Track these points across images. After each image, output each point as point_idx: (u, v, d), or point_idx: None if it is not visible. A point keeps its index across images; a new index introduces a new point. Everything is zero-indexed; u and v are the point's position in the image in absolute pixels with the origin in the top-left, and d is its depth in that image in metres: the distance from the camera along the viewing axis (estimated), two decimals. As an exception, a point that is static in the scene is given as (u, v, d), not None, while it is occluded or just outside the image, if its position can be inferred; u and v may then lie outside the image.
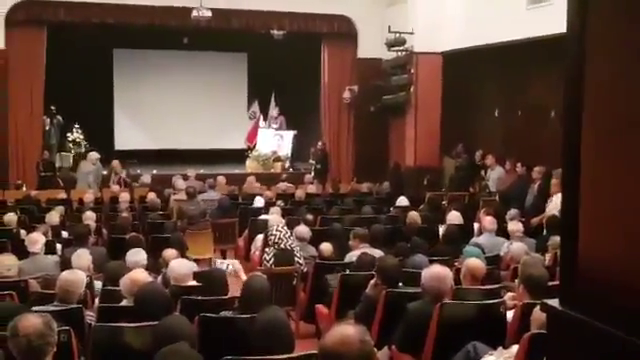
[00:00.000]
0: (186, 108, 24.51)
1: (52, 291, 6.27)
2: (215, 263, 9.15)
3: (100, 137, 22.12)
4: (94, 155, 18.85)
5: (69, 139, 21.41)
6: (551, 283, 5.88)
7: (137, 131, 24.66)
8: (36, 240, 8.63)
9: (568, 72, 2.60)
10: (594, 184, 2.45)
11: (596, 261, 2.42)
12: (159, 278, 7.23)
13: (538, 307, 4.42)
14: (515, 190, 14.30)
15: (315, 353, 4.15)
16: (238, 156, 22.89)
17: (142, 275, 6.34)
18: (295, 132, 23.29)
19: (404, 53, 18.79)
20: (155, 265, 8.07)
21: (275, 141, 23.16)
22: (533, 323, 4.86)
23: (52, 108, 20.21)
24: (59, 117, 20.72)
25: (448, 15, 17.57)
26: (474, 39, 16.53)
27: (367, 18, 20.31)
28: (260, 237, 10.45)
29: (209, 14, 17.30)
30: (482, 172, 16.55)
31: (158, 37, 21.90)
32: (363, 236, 9.23)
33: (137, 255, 7.72)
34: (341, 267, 8.22)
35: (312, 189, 17.50)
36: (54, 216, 11.64)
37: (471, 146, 17.41)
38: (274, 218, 10.93)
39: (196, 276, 7.07)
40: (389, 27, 18.58)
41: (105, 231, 11.49)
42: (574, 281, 2.52)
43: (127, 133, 24.60)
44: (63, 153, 21.10)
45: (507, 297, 6.14)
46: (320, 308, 8.02)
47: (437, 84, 18.41)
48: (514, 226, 9.83)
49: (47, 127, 20.15)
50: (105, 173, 18.41)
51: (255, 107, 25.00)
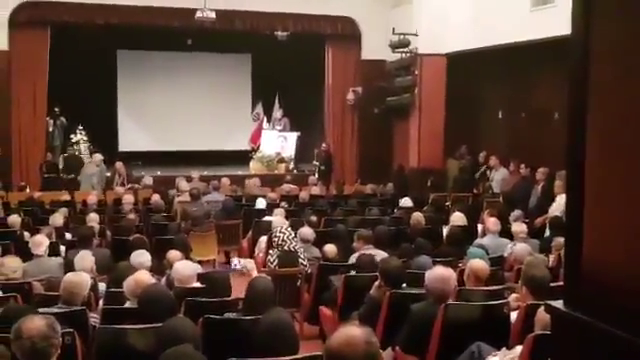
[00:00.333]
0: (190, 109, 24.49)
1: (56, 293, 6.27)
2: (231, 263, 9.10)
3: (104, 138, 22.06)
4: (98, 157, 18.85)
5: (72, 140, 21.36)
6: (554, 284, 5.89)
7: (141, 132, 24.62)
8: (40, 242, 8.59)
9: (572, 74, 2.60)
10: (598, 186, 2.45)
11: (600, 263, 2.42)
12: (163, 280, 7.23)
13: (542, 308, 4.43)
14: (519, 191, 14.30)
15: (319, 355, 4.16)
16: (242, 157, 22.83)
17: (146, 277, 6.34)
18: (299, 133, 23.26)
19: (408, 55, 18.77)
20: (159, 267, 8.05)
21: (279, 142, 23.12)
22: (537, 324, 4.87)
23: (56, 109, 20.19)
24: (62, 118, 20.66)
25: (452, 17, 17.55)
26: (478, 41, 16.51)
27: (371, 19, 20.31)
28: (264, 239, 10.42)
29: (213, 15, 17.30)
30: (487, 172, 16.55)
31: (162, 38, 21.88)
32: (367, 237, 9.20)
33: (141, 257, 7.69)
34: (345, 268, 8.19)
35: (316, 190, 17.46)
36: (58, 218, 11.58)
37: (475, 147, 17.41)
38: (278, 220, 10.91)
39: (199, 278, 7.08)
40: (393, 29, 18.55)
41: (109, 233, 11.46)
42: (578, 282, 2.52)
43: (131, 134, 24.57)
44: (67, 155, 21.04)
45: (511, 298, 6.15)
46: (324, 310, 8.02)
47: (441, 86, 18.39)
48: (518, 227, 9.81)
49: (50, 128, 20.13)
50: (109, 175, 18.43)
51: (259, 108, 24.97)
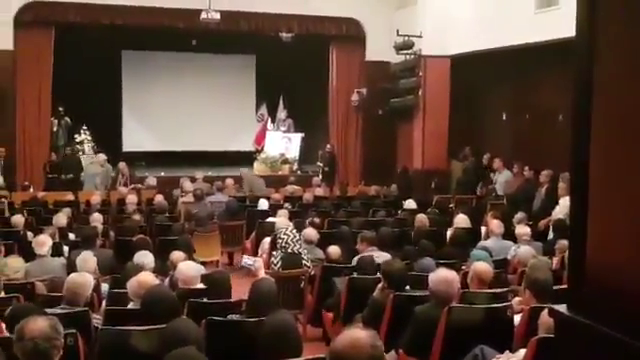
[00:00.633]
0: (194, 110, 24.49)
1: (58, 294, 6.27)
2: (242, 259, 9.09)
3: (108, 139, 22.09)
4: (102, 157, 18.87)
5: (77, 140, 21.34)
6: (557, 287, 5.87)
7: (145, 133, 24.63)
8: (43, 242, 8.57)
9: (577, 75, 2.59)
10: (602, 188, 2.44)
11: (604, 266, 2.41)
12: (166, 281, 7.22)
13: (545, 311, 4.41)
14: (522, 193, 14.30)
15: (323, 357, 4.15)
16: (246, 158, 22.80)
17: (149, 278, 6.32)
18: (303, 135, 23.27)
19: (412, 56, 18.76)
20: (162, 267, 8.05)
21: (283, 143, 23.13)
22: (540, 327, 4.85)
23: (60, 109, 20.21)
24: (67, 118, 20.66)
25: (456, 19, 17.54)
26: (482, 43, 16.50)
27: (375, 21, 20.29)
28: (267, 240, 10.42)
29: (218, 16, 17.28)
30: (490, 174, 16.55)
31: (167, 39, 21.91)
32: (371, 239, 9.21)
33: (144, 257, 7.70)
34: (349, 270, 8.18)
35: (320, 192, 17.47)
36: (61, 218, 11.57)
37: (479, 149, 17.40)
38: (281, 221, 10.92)
39: (202, 278, 7.06)
40: (397, 30, 18.53)
41: (112, 233, 11.45)
42: (582, 286, 2.51)
43: (135, 135, 24.58)
44: (65, 154, 20.95)
45: (514, 301, 6.13)
46: (327, 315, 8.03)
47: (445, 87, 18.38)
48: (521, 229, 9.81)
49: (55, 128, 20.12)
50: (113, 175, 18.43)
51: (263, 109, 25.00)
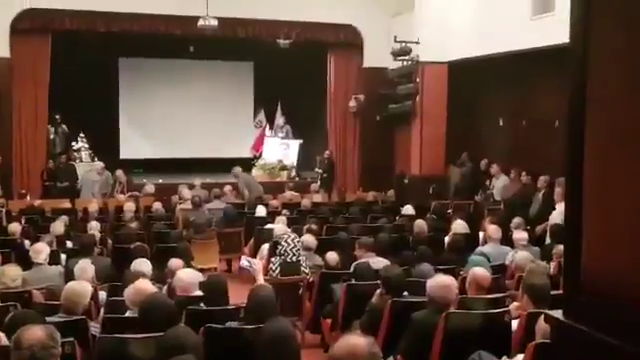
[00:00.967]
0: (192, 117, 24.48)
1: (56, 302, 6.25)
2: (240, 259, 9.07)
3: (105, 146, 22.00)
4: (99, 164, 18.87)
5: (74, 148, 21.30)
6: (555, 292, 5.87)
7: (143, 140, 24.61)
8: (40, 250, 8.55)
9: (571, 81, 2.60)
10: (597, 195, 2.44)
11: (599, 273, 2.42)
12: (164, 288, 7.21)
13: (543, 316, 4.42)
14: (520, 199, 14.30)
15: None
16: (244, 165, 22.62)
17: (147, 285, 6.31)
18: (301, 141, 23.25)
19: (410, 62, 18.77)
20: (160, 275, 8.02)
21: (281, 150, 23.12)
22: (538, 332, 4.86)
23: (57, 117, 20.21)
24: (64, 126, 20.67)
25: (454, 25, 17.55)
26: (479, 49, 16.53)
27: (373, 27, 20.32)
28: (266, 246, 10.39)
29: (215, 23, 17.26)
30: (487, 181, 16.56)
31: (164, 46, 21.86)
32: (368, 245, 9.20)
33: (142, 265, 7.68)
34: (347, 276, 8.17)
35: (318, 198, 17.49)
36: (59, 226, 11.53)
37: (476, 155, 17.40)
38: (280, 227, 10.92)
39: (199, 285, 7.05)
40: (395, 37, 18.54)
41: (110, 241, 11.44)
42: (577, 293, 2.52)
43: (132, 142, 24.55)
44: (58, 162, 20.91)
45: (512, 306, 6.14)
46: (326, 321, 8.04)
47: (443, 93, 18.39)
48: (519, 235, 9.82)
49: (52, 136, 20.13)
50: (112, 182, 18.41)
51: (261, 116, 25.02)
